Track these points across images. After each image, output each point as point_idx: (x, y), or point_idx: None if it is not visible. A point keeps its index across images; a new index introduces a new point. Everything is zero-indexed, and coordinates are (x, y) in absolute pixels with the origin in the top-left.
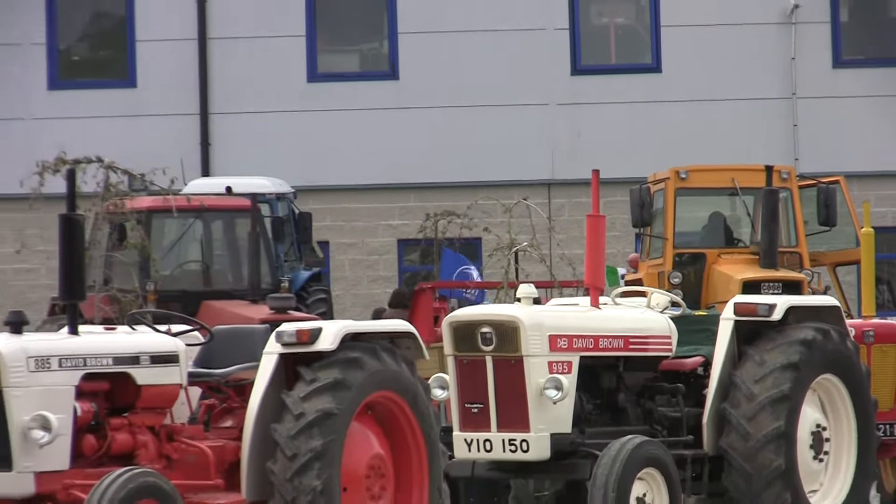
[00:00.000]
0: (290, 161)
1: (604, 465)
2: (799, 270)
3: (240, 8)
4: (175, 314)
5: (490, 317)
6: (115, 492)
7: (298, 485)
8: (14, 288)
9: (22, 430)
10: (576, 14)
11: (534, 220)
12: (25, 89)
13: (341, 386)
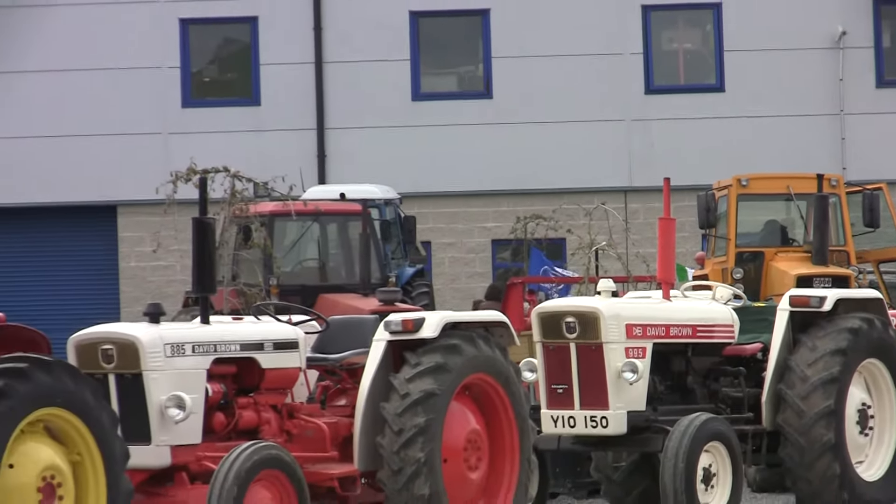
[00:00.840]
0: (396, 170)
1: (674, 439)
2: (846, 267)
3: (352, 35)
4: (295, 306)
5: (574, 308)
6: (241, 463)
7: (404, 457)
8: (152, 283)
9: (159, 408)
10: (648, 40)
11: (611, 222)
12: (162, 107)
13: (442, 369)
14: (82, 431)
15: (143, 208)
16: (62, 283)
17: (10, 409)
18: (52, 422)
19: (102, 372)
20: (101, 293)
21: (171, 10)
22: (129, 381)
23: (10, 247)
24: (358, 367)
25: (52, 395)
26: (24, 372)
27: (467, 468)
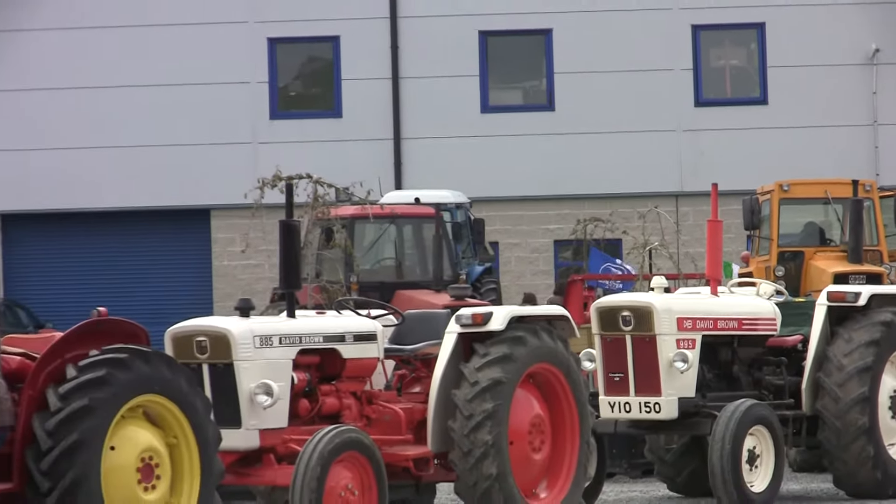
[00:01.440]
0: (466, 176)
1: (721, 423)
2: (880, 265)
3: (426, 53)
4: (373, 301)
5: (629, 303)
6: (324, 445)
7: (474, 439)
8: (242, 280)
9: (249, 395)
10: (698, 57)
11: (664, 224)
12: (251, 119)
13: (508, 359)
14: (178, 416)
15: (234, 212)
16: (160, 280)
17: (112, 396)
18: (151, 407)
19: (197, 362)
20: (195, 289)
21: (261, 30)
22: (221, 370)
23: (113, 247)
24: (431, 358)
25: (150, 382)
26: (124, 362)
27: (531, 450)
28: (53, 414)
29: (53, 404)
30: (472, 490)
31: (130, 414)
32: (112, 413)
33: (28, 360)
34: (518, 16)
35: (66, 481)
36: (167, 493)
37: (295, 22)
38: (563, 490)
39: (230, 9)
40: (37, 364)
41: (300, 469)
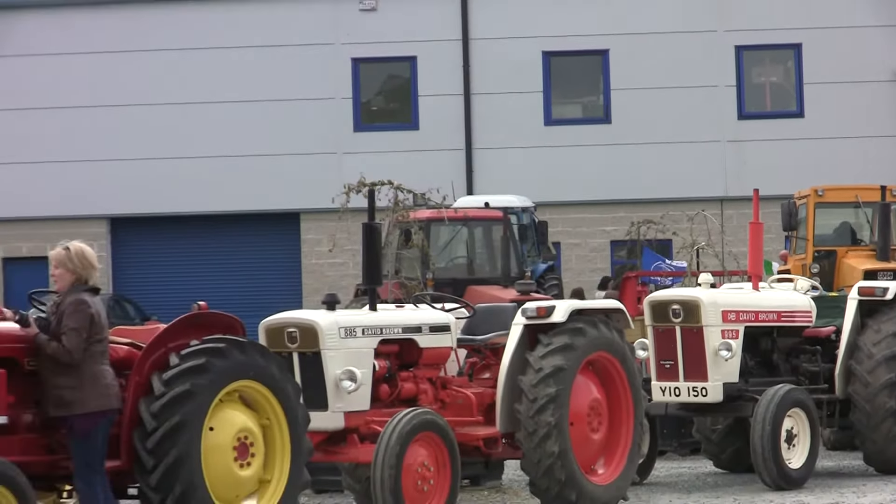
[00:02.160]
0: (531, 183)
1: (762, 406)
2: None
3: (494, 71)
4: (448, 296)
5: (679, 297)
6: (403, 426)
7: (538, 421)
8: (328, 277)
9: (335, 380)
10: (741, 74)
11: (710, 226)
12: (337, 132)
13: (569, 348)
14: (271, 400)
15: (321, 215)
16: (254, 276)
17: (211, 382)
18: (246, 392)
19: (287, 350)
20: (286, 285)
21: (345, 51)
22: (310, 358)
23: (212, 246)
24: (499, 347)
25: (245, 369)
26: (222, 351)
27: (590, 430)
28: (157, 398)
29: (158, 389)
30: (537, 467)
31: (227, 398)
32: (211, 397)
33: (135, 349)
34: (578, 38)
35: (169, 459)
36: (261, 469)
37: (376, 44)
38: (619, 467)
39: (318, 32)
40: (143, 353)
41: (381, 447)
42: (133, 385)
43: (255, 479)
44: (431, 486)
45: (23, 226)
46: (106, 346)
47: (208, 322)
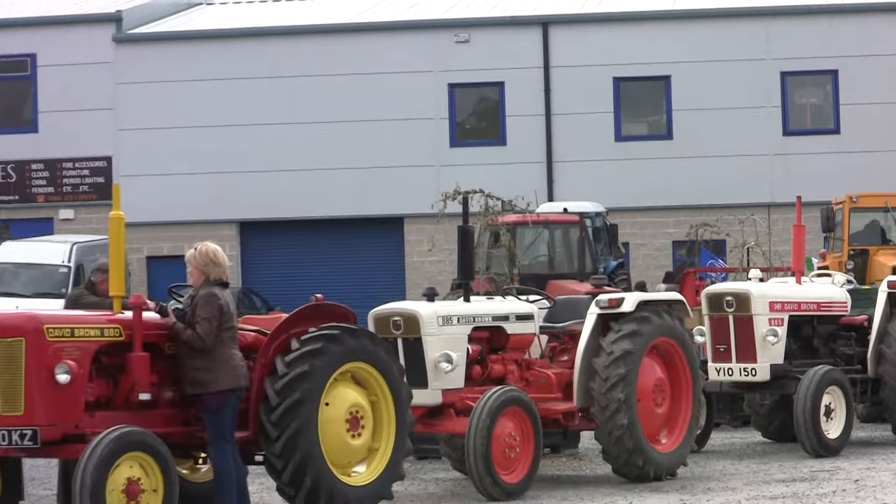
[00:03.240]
0: (603, 191)
1: (804, 384)
2: None
3: (572, 94)
4: (531, 289)
5: (731, 290)
6: (493, 402)
7: (609, 397)
8: (428, 273)
9: (434, 362)
10: (785, 97)
11: (758, 228)
12: (436, 147)
13: (636, 334)
14: (378, 379)
15: (422, 219)
16: (364, 272)
17: (326, 364)
18: (357, 372)
19: (393, 336)
20: (391, 280)
21: (443, 77)
22: (412, 343)
23: (327, 246)
24: (576, 333)
25: (356, 353)
26: (336, 336)
27: (654, 405)
28: (280, 377)
29: (280, 370)
30: (608, 437)
31: (341, 377)
32: (326, 376)
33: (261, 335)
34: (644, 65)
35: (290, 430)
36: (370, 439)
37: (469, 71)
38: (680, 437)
39: (420, 61)
40: (268, 338)
41: (474, 420)
42: (259, 366)
43: (364, 448)
44: (517, 454)
45: (164, 228)
46: (235, 332)
47: (325, 312)
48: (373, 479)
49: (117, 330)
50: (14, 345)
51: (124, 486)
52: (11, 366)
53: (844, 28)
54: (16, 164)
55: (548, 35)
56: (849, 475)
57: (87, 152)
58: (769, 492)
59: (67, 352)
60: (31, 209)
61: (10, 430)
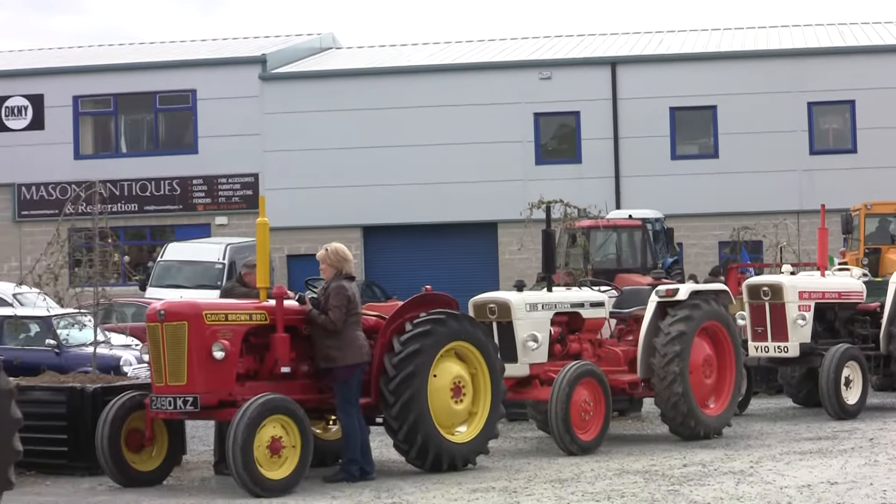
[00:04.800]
0: (662, 200)
1: (827, 360)
2: None
3: (635, 120)
4: (602, 281)
5: (767, 282)
6: (571, 373)
7: (666, 370)
8: (517, 268)
9: (522, 341)
10: (811, 122)
11: (789, 231)
12: (524, 165)
13: (689, 318)
14: (477, 355)
15: (512, 224)
16: (465, 267)
17: (434, 342)
18: (459, 350)
19: (489, 320)
20: (487, 274)
21: (529, 108)
22: (505, 326)
23: (435, 245)
24: (639, 317)
25: (459, 334)
26: (442, 321)
27: (704, 377)
28: (397, 354)
29: (397, 348)
30: (666, 403)
31: (446, 354)
32: (434, 353)
33: (381, 319)
34: (694, 97)
35: (405, 397)
36: (470, 405)
37: (551, 102)
38: (724, 403)
39: (511, 94)
40: (386, 322)
41: (555, 389)
42: (379, 345)
43: (465, 412)
44: (591, 417)
45: (301, 232)
46: (359, 317)
47: (433, 300)
48: (472, 438)
49: (263, 315)
50: (179, 328)
51: (268, 443)
52: (177, 345)
53: (860, 66)
54: (180, 180)
55: (616, 72)
56: (864, 434)
57: (238, 170)
58: (798, 448)
59: (222, 333)
60: (192, 216)
61: (175, 397)
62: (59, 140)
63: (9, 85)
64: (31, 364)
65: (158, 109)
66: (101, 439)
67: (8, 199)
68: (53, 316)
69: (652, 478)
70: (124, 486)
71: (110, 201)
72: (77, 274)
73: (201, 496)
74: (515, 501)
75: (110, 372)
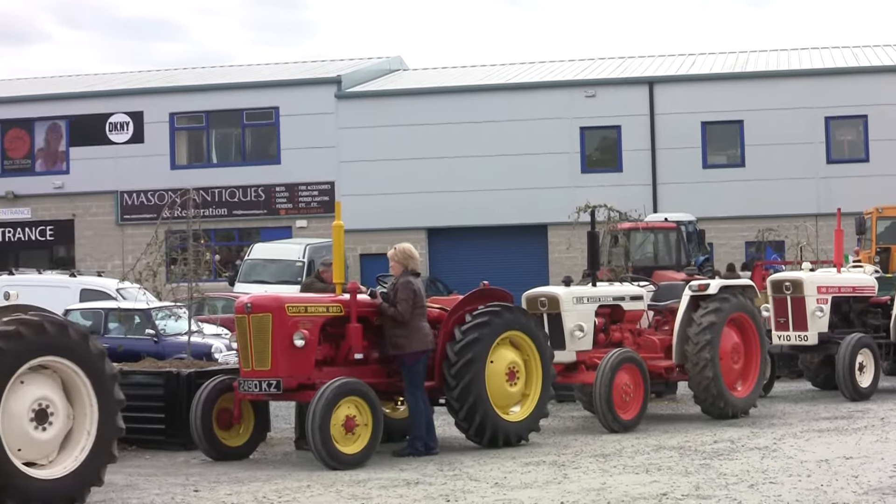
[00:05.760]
0: (694, 205)
1: (843, 347)
2: None
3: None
4: (641, 277)
5: (789, 277)
6: (613, 360)
7: (699, 356)
8: (565, 265)
9: (570, 331)
10: (828, 134)
11: (809, 232)
12: (571, 173)
13: (719, 310)
14: (529, 343)
15: (561, 226)
16: (519, 265)
17: (491, 332)
18: (513, 338)
19: (540, 312)
20: (538, 270)
21: (576, 122)
22: (554, 317)
23: (492, 245)
24: (674, 309)
25: (513, 324)
26: (498, 312)
27: (732, 362)
28: (458, 342)
29: (458, 336)
30: (698, 386)
31: (502, 342)
32: (491, 341)
33: (443, 311)
34: (723, 112)
35: (465, 380)
36: (523, 386)
37: (595, 117)
38: (751, 386)
39: (559, 111)
40: (448, 313)
41: (599, 373)
42: (442, 334)
43: (519, 394)
44: (631, 398)
45: (372, 233)
46: (424, 309)
47: (490, 294)
48: (525, 417)
49: (338, 307)
50: (264, 319)
51: (343, 421)
52: (262, 334)
53: (873, 84)
54: (265, 187)
55: (653, 91)
56: (876, 414)
57: (316, 178)
58: (817, 426)
59: (302, 323)
60: (276, 220)
61: (261, 381)
62: (157, 152)
63: (112, 103)
64: (133, 351)
65: (245, 125)
66: (194, 418)
67: (112, 204)
68: (152, 308)
69: (686, 453)
70: (215, 459)
71: (202, 206)
72: (173, 271)
73: (284, 469)
74: (563, 474)
75: (203, 358)
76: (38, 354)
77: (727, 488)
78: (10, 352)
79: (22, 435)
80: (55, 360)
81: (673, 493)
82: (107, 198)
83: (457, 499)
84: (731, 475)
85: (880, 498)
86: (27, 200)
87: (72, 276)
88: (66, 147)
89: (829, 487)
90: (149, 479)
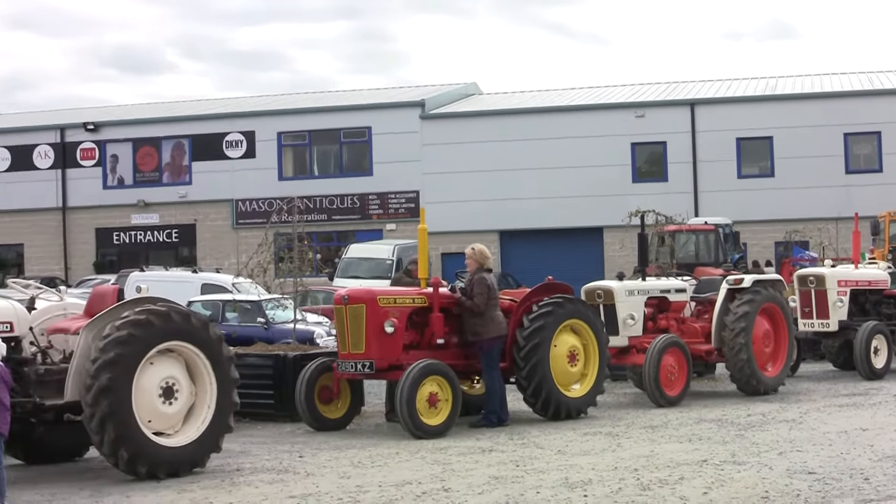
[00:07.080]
0: (730, 210)
1: (860, 333)
2: None
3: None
4: (684, 273)
5: (813, 273)
6: (660, 344)
7: (734, 341)
8: (618, 262)
9: (623, 319)
10: (846, 148)
11: (830, 234)
12: (622, 182)
13: (752, 301)
14: (588, 329)
15: (615, 229)
16: (579, 263)
17: (555, 320)
18: (574, 325)
19: (597, 303)
20: (595, 267)
21: (627, 139)
22: (609, 307)
23: (555, 246)
24: (714, 300)
25: (573, 314)
26: (561, 303)
27: (764, 346)
28: (526, 329)
29: (526, 324)
30: (734, 367)
31: (564, 328)
32: (554, 328)
33: (513, 303)
34: (755, 129)
35: (532, 361)
36: (582, 368)
37: (644, 134)
38: (780, 367)
39: (613, 128)
40: (518, 304)
41: (648, 356)
42: (512, 322)
43: (578, 373)
44: (676, 377)
45: (452, 235)
46: (497, 301)
47: (553, 288)
48: (584, 394)
49: (423, 299)
50: (359, 308)
51: (427, 397)
52: (358, 322)
53: (886, 104)
54: (359, 196)
55: (694, 111)
56: (889, 392)
57: (404, 188)
58: (837, 402)
59: (392, 313)
60: (368, 223)
61: (356, 362)
62: (267, 166)
63: (228, 124)
64: (246, 337)
65: (342, 142)
66: (299, 394)
67: (228, 211)
68: (263, 300)
69: (723, 425)
70: (317, 430)
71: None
72: (280, 268)
73: (376, 438)
74: (617, 443)
75: (306, 343)
76: (166, 339)
77: (759, 455)
78: (141, 337)
79: (152, 409)
80: (180, 345)
81: (712, 459)
82: (224, 205)
83: (525, 464)
84: (763, 444)
85: (893, 464)
86: (156, 207)
87: (194, 273)
88: (189, 162)
89: (848, 455)
90: (260, 447)
